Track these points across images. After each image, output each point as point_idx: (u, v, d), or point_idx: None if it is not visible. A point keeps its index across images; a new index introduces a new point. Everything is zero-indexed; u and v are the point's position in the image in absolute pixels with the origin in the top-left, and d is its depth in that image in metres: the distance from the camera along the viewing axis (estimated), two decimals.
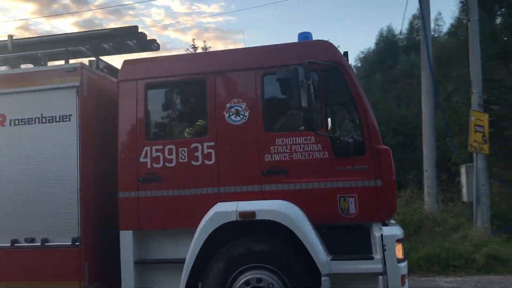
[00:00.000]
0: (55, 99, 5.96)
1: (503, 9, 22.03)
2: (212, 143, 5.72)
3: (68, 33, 6.51)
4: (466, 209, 12.12)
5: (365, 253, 5.38)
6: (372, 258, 5.26)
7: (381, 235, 5.26)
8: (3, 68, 6.55)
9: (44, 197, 5.87)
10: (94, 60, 6.51)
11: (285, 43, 5.92)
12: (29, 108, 6.03)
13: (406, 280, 5.41)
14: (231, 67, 5.88)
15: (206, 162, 5.70)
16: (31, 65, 6.62)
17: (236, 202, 5.53)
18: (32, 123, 6.02)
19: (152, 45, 6.43)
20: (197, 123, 6.04)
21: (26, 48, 6.46)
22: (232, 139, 5.69)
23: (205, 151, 5.71)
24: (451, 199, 13.58)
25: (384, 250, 5.23)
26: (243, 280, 5.35)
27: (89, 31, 6.45)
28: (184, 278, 5.47)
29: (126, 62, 6.18)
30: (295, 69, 5.20)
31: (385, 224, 5.41)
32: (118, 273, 5.80)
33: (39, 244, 5.81)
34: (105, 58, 6.74)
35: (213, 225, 5.47)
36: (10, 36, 6.41)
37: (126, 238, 5.76)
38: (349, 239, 5.46)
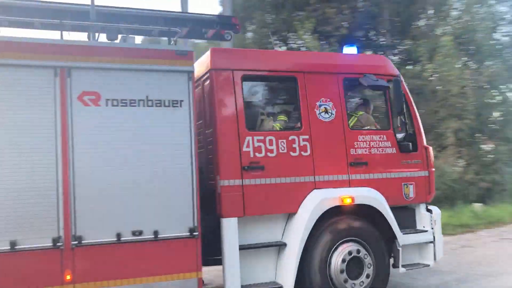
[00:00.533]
0: (164, 82, 5.54)
1: (253, 26, 25.31)
2: (307, 136, 6.36)
3: (164, 11, 5.89)
4: None
5: (412, 227, 6.97)
6: (427, 231, 6.87)
7: (431, 212, 6.91)
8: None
9: (155, 186, 5.42)
10: None
11: (357, 54, 6.99)
12: (131, 88, 5.43)
13: None
14: (319, 68, 6.60)
15: (303, 153, 6.32)
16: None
17: (332, 189, 6.38)
18: (134, 105, 5.45)
19: (225, 35, 6.44)
20: (278, 117, 6.52)
21: (108, 19, 5.62)
22: (324, 134, 6.46)
23: (301, 144, 6.32)
24: None
25: (431, 224, 6.90)
26: (346, 250, 6.23)
27: (189, 13, 6.07)
28: (298, 257, 6.04)
29: (216, 50, 6.21)
30: (397, 80, 6.41)
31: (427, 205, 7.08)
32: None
33: (152, 236, 5.40)
34: None
35: (321, 209, 6.21)
36: (93, 2, 5.46)
37: (231, 225, 5.90)
38: (400, 217, 6.91)
